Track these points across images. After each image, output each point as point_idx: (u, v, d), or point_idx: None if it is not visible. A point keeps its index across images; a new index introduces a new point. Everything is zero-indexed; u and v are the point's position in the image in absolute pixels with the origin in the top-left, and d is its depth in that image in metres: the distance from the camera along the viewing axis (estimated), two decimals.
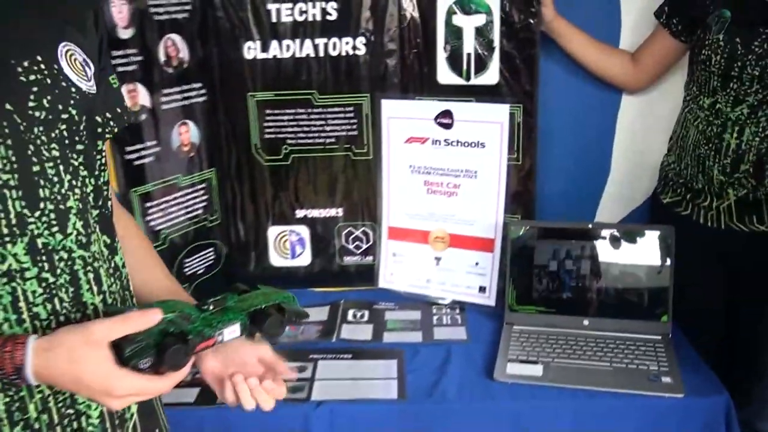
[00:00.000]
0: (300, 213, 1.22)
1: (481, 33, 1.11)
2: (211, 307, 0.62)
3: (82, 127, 0.61)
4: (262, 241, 1.22)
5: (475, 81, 1.14)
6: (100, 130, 0.64)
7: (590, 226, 1.07)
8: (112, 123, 0.68)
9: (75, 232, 0.59)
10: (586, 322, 1.05)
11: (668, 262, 1.03)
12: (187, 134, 1.13)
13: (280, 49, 1.13)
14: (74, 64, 0.61)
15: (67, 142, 0.59)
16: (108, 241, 0.64)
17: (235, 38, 1.12)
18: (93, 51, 0.65)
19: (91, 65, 0.63)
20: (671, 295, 1.02)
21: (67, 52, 0.61)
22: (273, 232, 1.23)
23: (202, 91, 1.11)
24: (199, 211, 1.16)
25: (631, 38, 1.19)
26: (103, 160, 0.66)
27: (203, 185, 1.17)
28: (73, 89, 0.60)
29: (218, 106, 1.15)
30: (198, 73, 1.10)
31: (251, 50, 1.13)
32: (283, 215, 1.22)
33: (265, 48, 1.13)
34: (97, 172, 0.64)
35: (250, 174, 1.19)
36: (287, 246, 1.23)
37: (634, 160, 1.26)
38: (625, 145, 1.26)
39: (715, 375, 0.94)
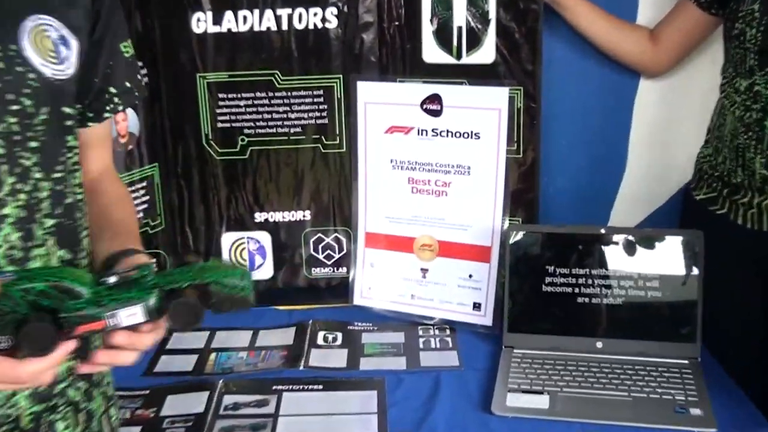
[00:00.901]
0: (260, 217, 1.21)
1: (475, 3, 1.11)
2: (112, 280, 0.58)
3: (38, 120, 0.60)
4: (215, 251, 1.21)
5: (467, 60, 1.14)
6: (71, 122, 0.64)
7: (603, 231, 1.07)
8: (117, 99, 0.73)
9: (5, 246, 0.58)
10: (599, 344, 1.04)
11: (696, 271, 1.03)
12: (124, 123, 1.12)
13: (236, 22, 1.12)
14: (41, 44, 0.61)
15: (16, 138, 0.59)
16: (68, 256, 0.64)
17: (181, 8, 1.11)
18: (82, 20, 0.64)
19: (74, 41, 0.63)
20: (700, 311, 1.02)
21: (36, 28, 0.60)
22: (228, 239, 1.22)
23: (143, 72, 1.09)
24: (139, 215, 1.15)
25: (651, 12, 1.19)
26: (75, 159, 0.67)
27: (144, 184, 1.16)
28: (32, 75, 0.60)
29: (161, 90, 1.14)
30: (137, 51, 1.03)
31: (201, 23, 1.12)
32: (240, 219, 1.21)
33: (217, 20, 1.12)
34: (58, 174, 0.64)
35: (200, 170, 1.18)
36: (245, 256, 1.23)
37: (655, 154, 1.27)
38: (644, 136, 1.26)
39: (753, 405, 0.93)
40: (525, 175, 1.18)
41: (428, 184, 1.17)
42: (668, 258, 1.04)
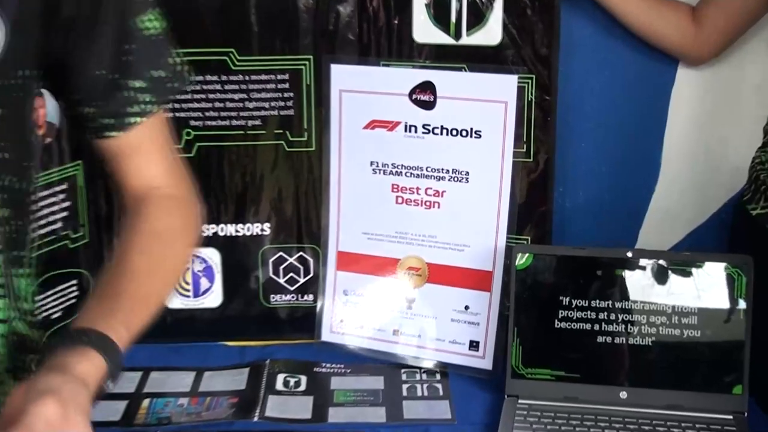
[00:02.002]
0: (207, 230, 1.20)
1: None
2: None
3: None
4: None
5: (467, 40, 1.14)
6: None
7: (630, 254, 1.07)
8: (144, 96, 0.74)
9: None
10: (623, 395, 1.04)
11: (743, 305, 1.03)
12: (41, 110, 1.08)
13: None
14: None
15: None
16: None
17: None
18: None
19: None
20: (747, 355, 1.02)
21: None
22: None
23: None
24: (57, 225, 1.14)
25: None
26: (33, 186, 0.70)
27: (63, 186, 1.14)
28: None
29: None
30: None
31: None
32: None
33: None
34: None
35: None
36: (188, 279, 1.21)
37: (696, 159, 1.27)
38: (682, 137, 1.26)
39: None
40: (536, 184, 1.18)
41: (417, 193, 1.17)
42: (709, 289, 1.04)
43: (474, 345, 1.16)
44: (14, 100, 0.70)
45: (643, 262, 1.06)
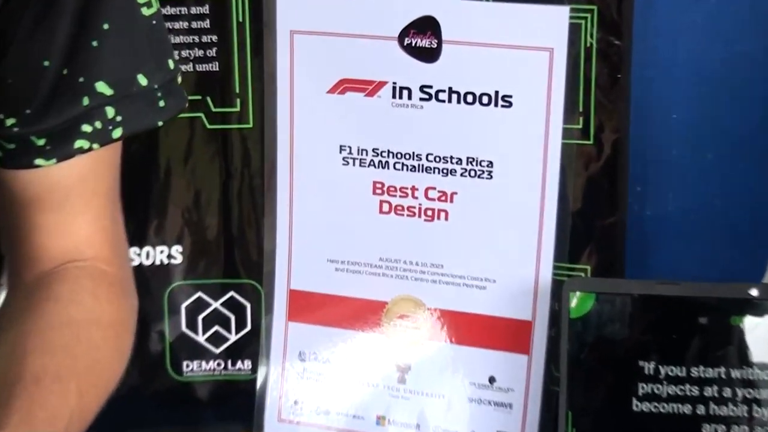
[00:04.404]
0: None
1: None
2: None
3: None
4: None
5: None
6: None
7: (755, 292, 1.05)
8: (110, 112, 0.78)
9: None
10: None
11: None
12: None
13: None
14: None
15: None
16: None
17: None
18: None
19: None
20: None
21: None
22: None
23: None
24: None
25: None
26: None
27: None
28: None
29: None
30: None
31: None
32: None
33: None
34: None
35: None
36: None
37: None
38: None
39: None
40: (599, 180, 1.14)
41: (412, 197, 1.15)
42: None
43: None
44: None
45: None
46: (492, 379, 1.13)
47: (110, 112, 0.78)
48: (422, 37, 1.11)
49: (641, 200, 1.19)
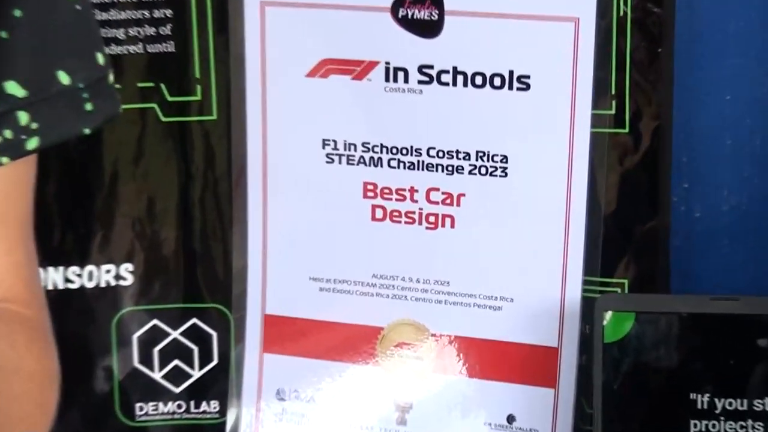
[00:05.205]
0: None
1: None
2: None
3: None
4: None
5: None
6: None
7: None
8: (21, 119, 0.78)
9: None
10: None
11: None
12: None
13: None
14: None
15: None
16: None
17: None
18: None
19: None
20: None
21: None
22: None
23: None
24: None
25: None
26: None
27: None
28: None
29: None
30: None
31: None
32: None
33: None
34: None
35: None
36: None
37: None
38: None
39: None
40: (636, 177, 1.12)
41: (411, 200, 1.13)
42: None
43: None
44: None
45: None
46: (511, 419, 1.13)
47: (23, 118, 0.77)
48: (420, 7, 1.09)
49: (688, 199, 1.17)
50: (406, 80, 1.10)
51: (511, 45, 1.08)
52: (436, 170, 1.11)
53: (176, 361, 1.19)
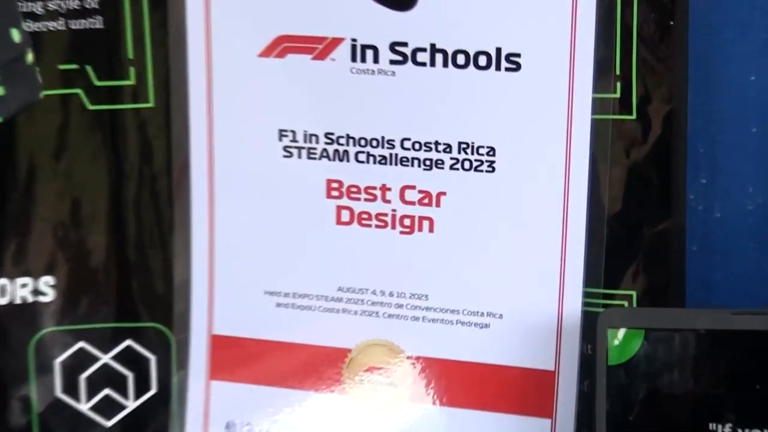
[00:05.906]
0: None
1: None
2: None
3: None
4: None
5: None
6: None
7: None
8: None
9: None
10: None
11: None
12: None
13: None
14: None
15: None
16: None
17: None
18: None
19: None
20: None
21: None
22: None
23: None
24: None
25: None
26: None
27: None
28: None
29: None
30: None
31: None
32: None
33: None
34: None
35: None
36: None
37: None
38: None
39: None
40: (645, 171, 1.12)
41: (383, 200, 1.13)
42: None
43: None
44: None
45: None
46: None
47: None
48: None
49: (706, 198, 1.16)
50: (375, 60, 1.09)
51: (498, 19, 1.07)
52: (412, 165, 1.10)
53: (107, 390, 1.17)
